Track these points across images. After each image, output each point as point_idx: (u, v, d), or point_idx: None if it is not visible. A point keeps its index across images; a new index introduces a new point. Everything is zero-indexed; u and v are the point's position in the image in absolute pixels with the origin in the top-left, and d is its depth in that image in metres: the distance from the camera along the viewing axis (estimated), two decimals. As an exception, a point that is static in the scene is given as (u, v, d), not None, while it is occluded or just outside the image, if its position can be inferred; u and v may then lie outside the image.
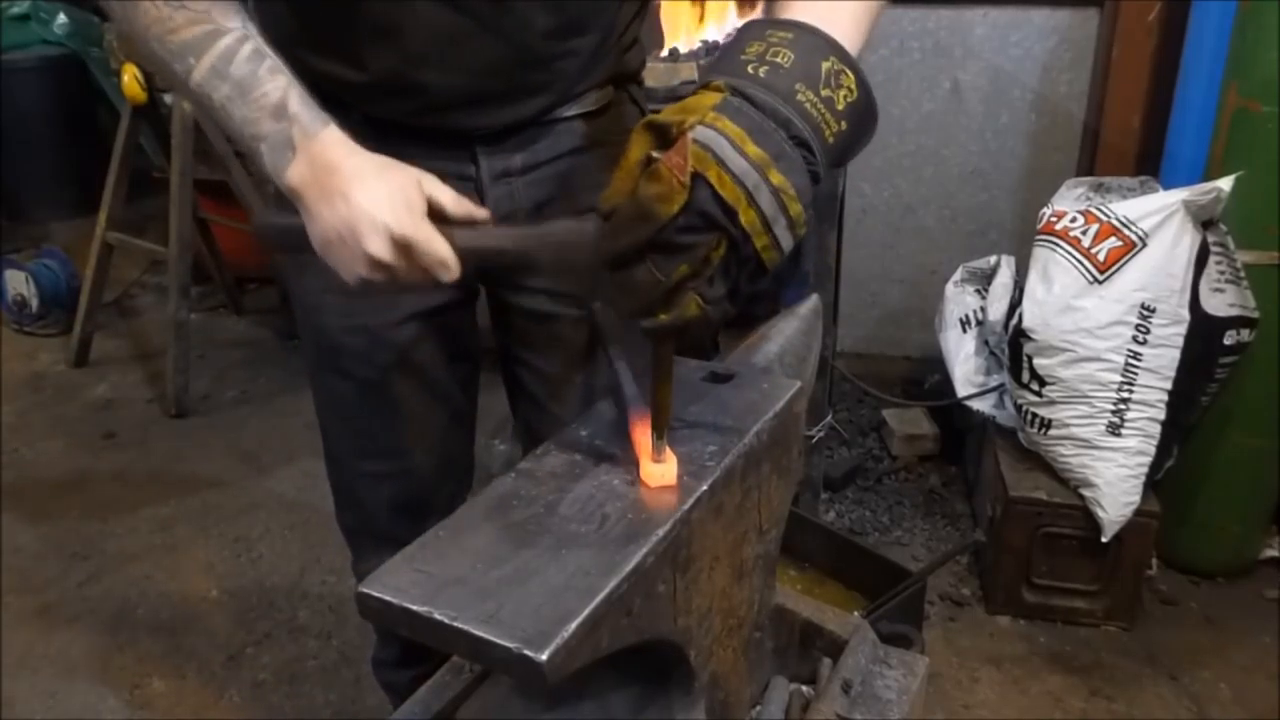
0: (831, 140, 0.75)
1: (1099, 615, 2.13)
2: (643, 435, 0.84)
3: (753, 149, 0.71)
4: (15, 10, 4.37)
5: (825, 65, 0.75)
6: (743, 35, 0.79)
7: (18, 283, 3.70)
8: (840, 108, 0.75)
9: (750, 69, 0.75)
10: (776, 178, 0.71)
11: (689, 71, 2.02)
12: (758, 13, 2.17)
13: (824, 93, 0.75)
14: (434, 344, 1.22)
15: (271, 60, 0.90)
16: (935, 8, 2.83)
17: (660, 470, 0.81)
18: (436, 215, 0.91)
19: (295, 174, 0.90)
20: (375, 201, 0.87)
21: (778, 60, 0.75)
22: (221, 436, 3.00)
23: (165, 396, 3.16)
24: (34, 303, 3.70)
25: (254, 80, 0.88)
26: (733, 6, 2.28)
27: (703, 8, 2.23)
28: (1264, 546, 2.27)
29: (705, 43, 2.19)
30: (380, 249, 0.87)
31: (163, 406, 3.16)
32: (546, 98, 1.13)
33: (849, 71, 0.76)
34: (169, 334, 3.13)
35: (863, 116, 0.78)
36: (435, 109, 1.08)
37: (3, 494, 2.73)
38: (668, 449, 0.82)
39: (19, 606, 2.31)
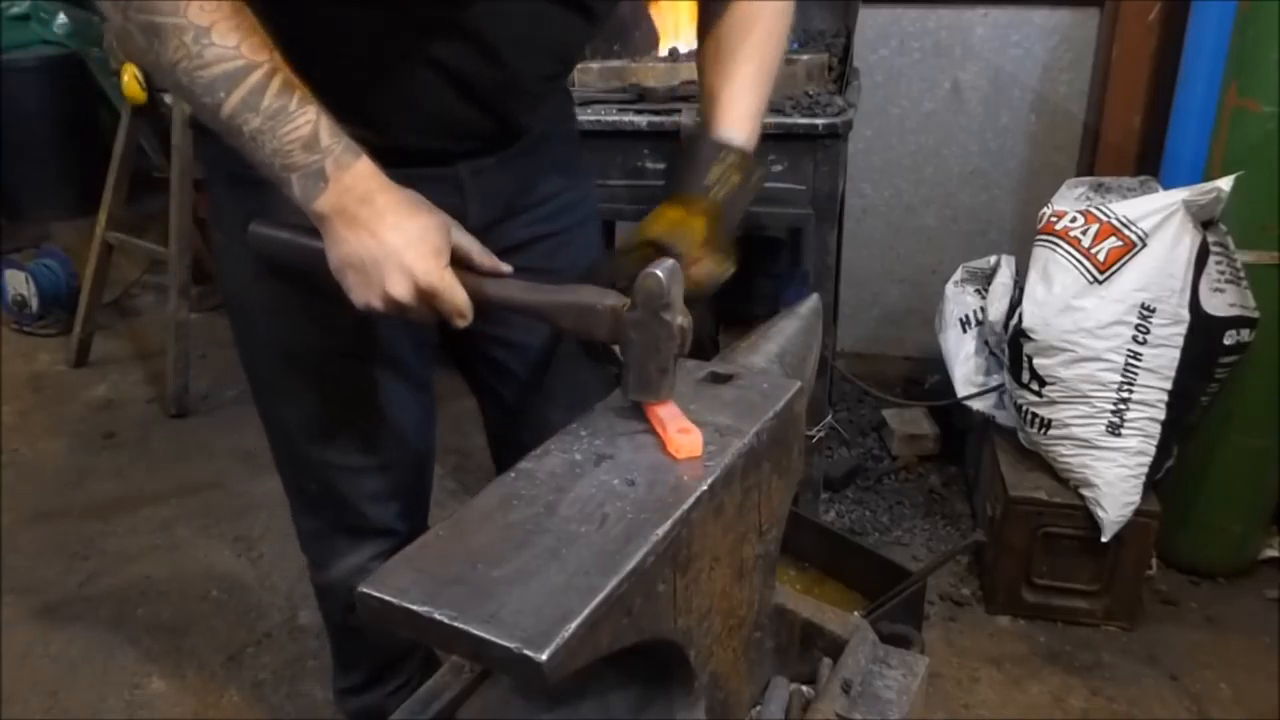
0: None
1: (1099, 615, 2.13)
2: (664, 415, 0.87)
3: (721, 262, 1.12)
4: (15, 10, 4.36)
5: (757, 176, 1.17)
6: (704, 154, 1.14)
7: (18, 283, 3.70)
8: (754, 183, 1.17)
9: (714, 193, 1.12)
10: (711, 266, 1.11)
11: (689, 71, 2.02)
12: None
13: (752, 192, 1.17)
14: (407, 334, 1.24)
15: (301, 92, 0.91)
16: (935, 8, 2.83)
17: (686, 441, 0.84)
18: (460, 261, 0.96)
19: (325, 203, 0.92)
20: (405, 244, 0.91)
21: (732, 183, 1.13)
22: (221, 436, 3.00)
23: (165, 396, 3.16)
24: (34, 303, 3.70)
25: (284, 114, 0.89)
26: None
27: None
28: (1264, 546, 2.27)
29: (705, 43, 2.18)
30: (402, 291, 0.92)
31: (163, 406, 3.16)
32: (526, 122, 1.20)
33: (755, 161, 1.17)
34: (169, 334, 3.13)
35: (753, 190, 1.18)
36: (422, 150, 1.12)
37: (3, 494, 2.73)
38: (690, 423, 0.87)
39: (19, 606, 2.31)
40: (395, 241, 0.91)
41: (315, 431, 1.28)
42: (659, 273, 0.87)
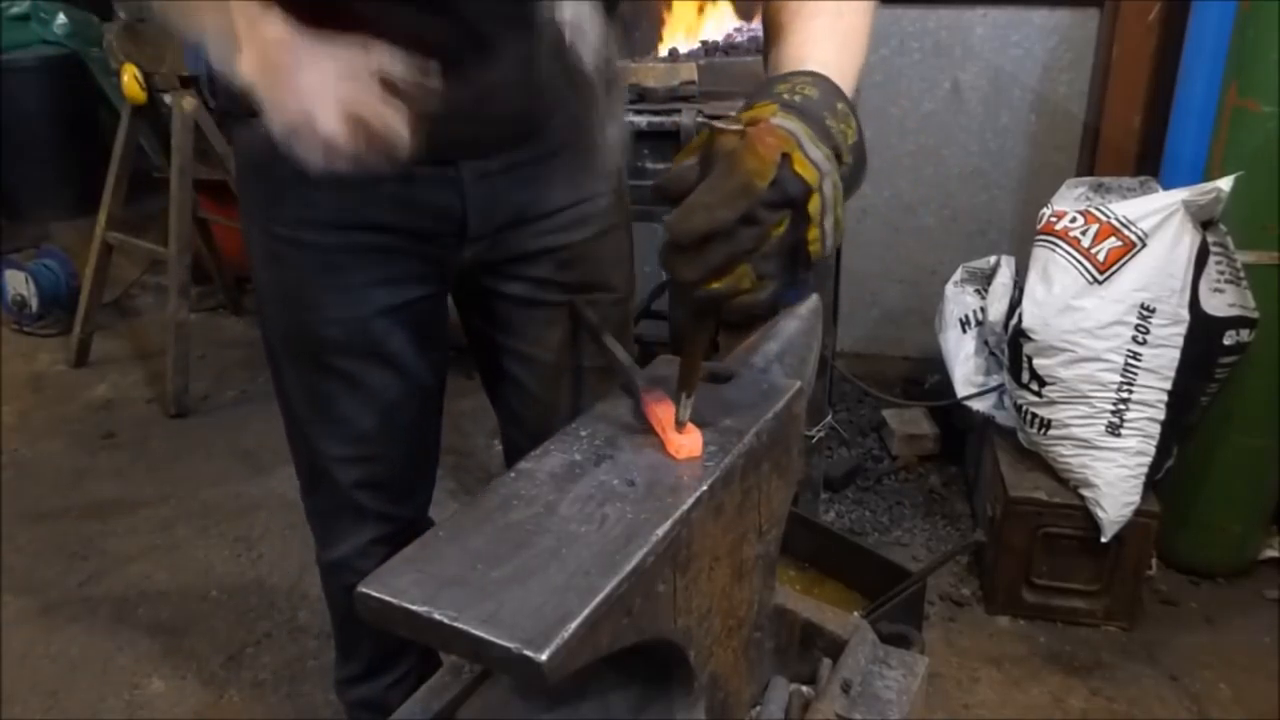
0: (844, 171, 0.80)
1: (1099, 615, 2.13)
2: (662, 413, 0.86)
3: (822, 146, 0.75)
4: (15, 10, 4.37)
5: (839, 106, 0.82)
6: (768, 79, 0.86)
7: (18, 283, 3.70)
8: (849, 143, 0.82)
9: (786, 96, 0.80)
10: (833, 177, 0.75)
11: (689, 71, 2.02)
12: (757, 20, 2.17)
13: (840, 126, 0.81)
14: (406, 335, 1.23)
15: None
16: (935, 8, 2.83)
17: (686, 442, 0.83)
18: (389, 88, 0.88)
19: (245, 65, 0.88)
20: (324, 79, 0.86)
21: (806, 94, 0.81)
22: (221, 436, 3.00)
23: (165, 396, 3.16)
24: (34, 303, 3.70)
25: None
26: (729, 8, 2.28)
27: (701, 8, 2.23)
28: (1264, 546, 2.27)
29: (704, 43, 2.19)
30: (334, 130, 0.86)
31: (163, 406, 3.16)
32: (538, 125, 1.15)
33: (853, 116, 0.83)
34: (169, 334, 3.13)
35: (860, 158, 0.84)
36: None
37: (3, 494, 2.73)
38: (690, 423, 0.85)
39: (19, 606, 2.31)
40: (315, 80, 0.87)
41: (309, 416, 1.29)
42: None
